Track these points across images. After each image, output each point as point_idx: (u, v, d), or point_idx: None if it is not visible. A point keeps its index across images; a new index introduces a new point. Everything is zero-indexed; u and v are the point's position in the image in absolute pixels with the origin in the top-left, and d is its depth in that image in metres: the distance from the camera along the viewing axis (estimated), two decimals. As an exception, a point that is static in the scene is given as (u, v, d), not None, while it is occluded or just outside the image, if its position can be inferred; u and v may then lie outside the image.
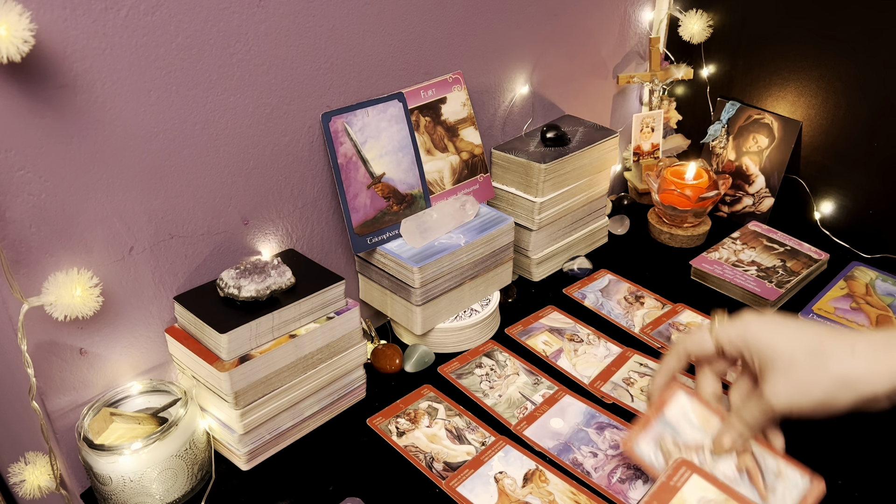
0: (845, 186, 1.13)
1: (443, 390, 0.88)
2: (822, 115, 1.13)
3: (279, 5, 0.77)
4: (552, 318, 1.01)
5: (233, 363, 0.73)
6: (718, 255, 1.11)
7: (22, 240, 0.66)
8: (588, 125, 1.13)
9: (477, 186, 1.02)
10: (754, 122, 1.21)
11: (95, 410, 0.74)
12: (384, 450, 0.80)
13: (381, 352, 0.92)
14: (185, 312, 0.77)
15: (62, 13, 0.63)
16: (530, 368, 0.91)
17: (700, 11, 1.22)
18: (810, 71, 1.13)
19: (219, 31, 0.74)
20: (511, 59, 1.06)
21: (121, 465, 0.69)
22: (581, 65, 1.18)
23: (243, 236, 0.84)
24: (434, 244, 0.92)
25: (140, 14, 0.67)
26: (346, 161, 0.88)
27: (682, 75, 1.24)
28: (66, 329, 0.72)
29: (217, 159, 0.78)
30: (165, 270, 0.78)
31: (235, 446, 0.77)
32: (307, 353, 0.79)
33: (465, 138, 1.00)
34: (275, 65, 0.79)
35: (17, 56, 0.56)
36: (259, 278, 0.75)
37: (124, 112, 0.69)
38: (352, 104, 0.88)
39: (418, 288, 0.88)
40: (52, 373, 0.72)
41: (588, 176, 1.09)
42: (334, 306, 0.81)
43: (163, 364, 0.81)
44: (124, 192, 0.72)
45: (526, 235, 1.06)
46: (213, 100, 0.76)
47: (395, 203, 0.93)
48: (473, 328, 0.95)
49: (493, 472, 0.76)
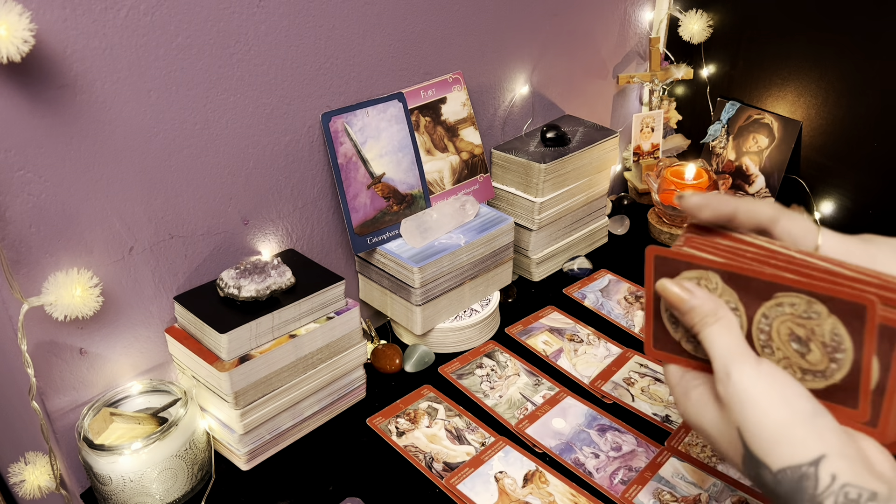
0: (845, 186, 1.13)
1: (442, 390, 0.88)
2: (822, 115, 1.13)
3: (279, 5, 0.77)
4: (552, 318, 1.01)
5: (233, 363, 0.73)
6: (718, 255, 1.10)
7: (22, 240, 0.66)
8: (588, 125, 1.13)
9: (477, 186, 1.02)
10: (754, 122, 1.21)
11: (95, 410, 0.74)
12: (384, 450, 0.80)
13: (381, 352, 0.92)
14: (185, 312, 0.77)
15: (62, 13, 0.63)
16: (531, 369, 0.91)
17: (700, 11, 1.22)
18: (810, 71, 1.13)
19: (219, 31, 0.74)
20: (511, 59, 1.06)
21: (121, 465, 0.69)
22: (581, 65, 1.18)
23: (243, 236, 0.84)
24: (434, 244, 0.92)
25: (140, 14, 0.67)
26: (346, 161, 0.88)
27: (682, 75, 1.24)
28: (66, 329, 0.72)
29: (217, 159, 0.78)
30: (165, 270, 0.78)
31: (235, 446, 0.77)
32: (307, 353, 0.78)
33: (465, 138, 1.00)
34: (275, 65, 0.79)
35: (17, 56, 0.56)
36: (259, 278, 0.75)
37: (124, 112, 0.69)
38: (352, 104, 0.88)
39: (418, 288, 0.88)
40: (52, 373, 0.72)
41: (588, 176, 1.09)
42: (334, 306, 0.81)
43: (163, 364, 0.81)
44: (124, 192, 0.72)
45: (526, 235, 1.06)
46: (213, 100, 0.76)
47: (395, 203, 0.93)
48: (473, 328, 0.95)
49: (493, 471, 0.76)
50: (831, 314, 0.50)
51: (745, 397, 0.48)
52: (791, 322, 0.52)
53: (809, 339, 0.51)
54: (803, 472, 0.45)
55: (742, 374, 0.49)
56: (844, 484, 0.44)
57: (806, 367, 0.52)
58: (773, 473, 0.46)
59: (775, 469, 0.46)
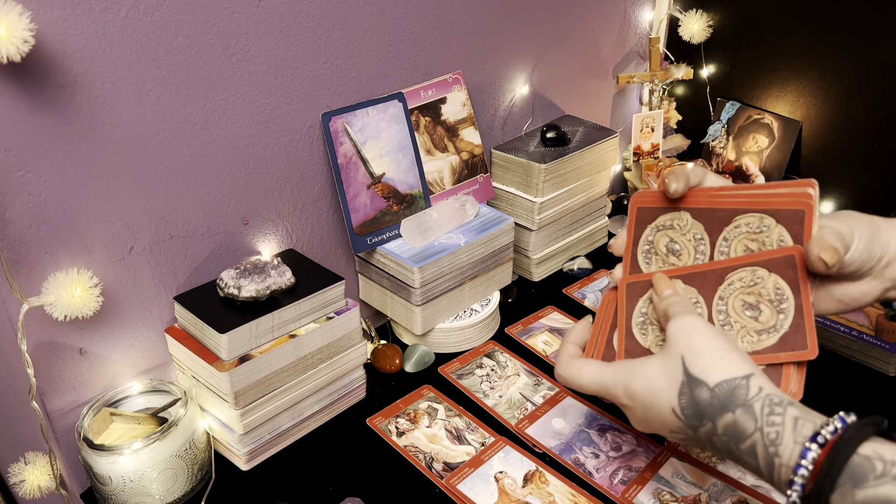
0: (845, 186, 1.13)
1: (442, 390, 0.88)
2: (822, 115, 1.13)
3: (279, 5, 0.77)
4: (552, 318, 1.01)
5: (233, 363, 0.73)
6: (718, 255, 1.11)
7: (22, 240, 0.66)
8: (588, 125, 1.13)
9: (477, 186, 1.02)
10: (754, 122, 1.21)
11: (95, 410, 0.74)
12: (384, 450, 0.80)
13: (381, 352, 0.92)
14: (185, 312, 0.77)
15: (62, 13, 0.63)
16: (531, 369, 0.91)
17: (700, 11, 1.22)
18: (810, 71, 1.13)
19: (219, 31, 0.74)
20: (511, 59, 1.06)
21: (121, 465, 0.69)
22: (581, 65, 1.18)
23: (243, 236, 0.84)
24: (434, 244, 0.92)
25: (140, 14, 0.67)
26: (346, 161, 0.88)
27: (682, 75, 1.24)
28: (66, 329, 0.72)
29: (217, 159, 0.78)
30: (165, 270, 0.78)
31: (235, 446, 0.77)
32: (307, 353, 0.78)
33: (465, 138, 1.00)
34: (275, 65, 0.79)
35: (17, 56, 0.56)
36: (259, 278, 0.75)
37: (124, 112, 0.69)
38: (352, 104, 0.88)
39: (418, 288, 0.88)
40: (52, 373, 0.72)
41: (588, 176, 1.09)
42: (334, 306, 0.81)
43: (163, 364, 0.81)
44: (124, 192, 0.72)
45: (526, 235, 1.06)
46: (213, 100, 0.76)
47: (395, 203, 0.93)
48: (473, 328, 0.95)
49: (493, 471, 0.76)
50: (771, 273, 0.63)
51: (693, 328, 0.59)
52: (742, 295, 0.64)
53: (759, 302, 0.63)
54: (737, 383, 0.55)
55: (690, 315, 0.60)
56: (769, 394, 0.54)
57: (760, 329, 0.63)
58: (710, 388, 0.55)
59: (713, 383, 0.55)
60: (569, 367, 0.66)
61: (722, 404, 0.55)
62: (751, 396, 0.54)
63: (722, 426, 0.55)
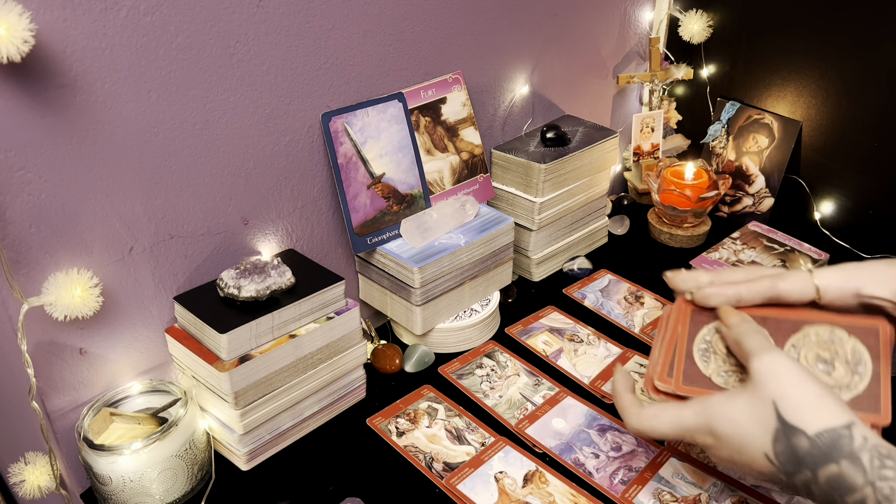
0: (845, 186, 1.13)
1: (442, 390, 0.88)
2: (822, 115, 1.13)
3: (279, 5, 0.77)
4: (552, 318, 1.01)
5: (233, 363, 0.73)
6: (718, 255, 1.11)
7: (22, 240, 0.66)
8: (588, 125, 1.13)
9: (477, 186, 1.02)
10: (754, 122, 1.21)
11: (95, 410, 0.74)
12: (384, 450, 0.80)
13: (381, 352, 0.92)
14: (185, 312, 0.77)
15: (62, 13, 0.63)
16: (531, 369, 0.91)
17: (700, 11, 1.22)
18: (810, 71, 1.13)
19: (219, 31, 0.74)
20: (511, 59, 1.06)
21: (121, 466, 0.69)
22: (581, 65, 1.18)
23: (243, 236, 0.84)
24: (434, 244, 0.92)
25: (140, 14, 0.67)
26: (346, 161, 0.88)
27: (682, 75, 1.24)
28: (66, 329, 0.72)
29: (217, 159, 0.78)
30: (165, 270, 0.78)
31: (235, 446, 0.77)
32: (307, 353, 0.79)
33: (465, 138, 1.00)
34: (275, 65, 0.79)
35: (17, 56, 0.56)
36: (259, 278, 0.75)
37: (124, 112, 0.69)
38: (352, 104, 0.88)
39: (418, 288, 0.88)
40: (52, 373, 0.72)
41: (588, 176, 1.09)
42: (334, 306, 0.81)
43: (163, 364, 0.81)
44: (124, 192, 0.72)
45: (526, 235, 1.06)
46: (213, 100, 0.76)
47: (395, 203, 0.93)
48: (473, 328, 0.95)
49: (493, 471, 0.76)
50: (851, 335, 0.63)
51: (783, 371, 0.56)
52: (817, 348, 0.63)
53: (833, 359, 0.62)
54: (840, 433, 0.52)
55: (776, 353, 0.57)
56: (875, 444, 0.51)
57: (833, 385, 0.62)
58: (809, 437, 0.53)
59: (813, 432, 0.53)
60: (642, 419, 0.63)
61: (824, 454, 0.52)
62: (856, 447, 0.51)
63: (824, 477, 0.52)
